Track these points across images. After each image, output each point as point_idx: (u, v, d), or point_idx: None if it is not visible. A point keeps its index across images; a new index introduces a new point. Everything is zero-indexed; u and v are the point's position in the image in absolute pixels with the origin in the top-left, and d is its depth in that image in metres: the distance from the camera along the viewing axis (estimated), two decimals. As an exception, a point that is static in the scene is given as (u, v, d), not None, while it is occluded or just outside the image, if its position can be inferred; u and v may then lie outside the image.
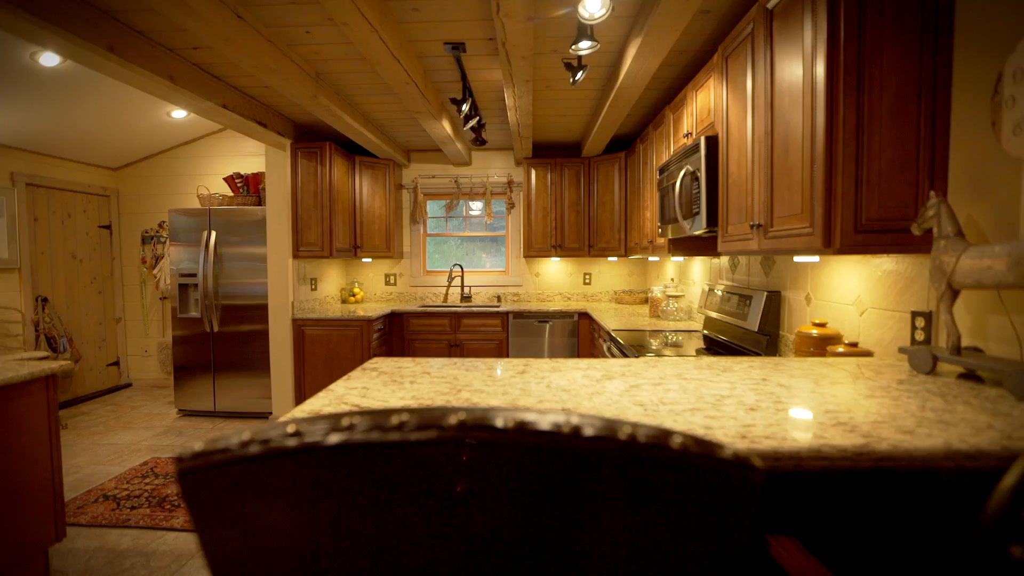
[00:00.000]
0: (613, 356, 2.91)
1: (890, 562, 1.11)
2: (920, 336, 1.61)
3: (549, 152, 4.96)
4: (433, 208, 5.19)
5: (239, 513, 0.48)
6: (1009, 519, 0.48)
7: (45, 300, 4.37)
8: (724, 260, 3.12)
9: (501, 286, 5.10)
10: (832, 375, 1.38)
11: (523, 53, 2.42)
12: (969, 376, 1.35)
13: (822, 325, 1.96)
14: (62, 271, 4.54)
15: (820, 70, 1.54)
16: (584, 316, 4.39)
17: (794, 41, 1.70)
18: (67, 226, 4.59)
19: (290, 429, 0.45)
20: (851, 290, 1.93)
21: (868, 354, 1.77)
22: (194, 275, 4.25)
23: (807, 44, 1.61)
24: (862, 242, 1.52)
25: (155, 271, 5.02)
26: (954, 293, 1.36)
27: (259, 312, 4.26)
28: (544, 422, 0.45)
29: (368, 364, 1.53)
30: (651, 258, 4.15)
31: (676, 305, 3.64)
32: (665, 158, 3.20)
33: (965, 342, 1.46)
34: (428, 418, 0.44)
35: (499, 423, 0.43)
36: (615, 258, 4.83)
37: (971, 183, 1.44)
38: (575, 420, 0.45)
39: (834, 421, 0.98)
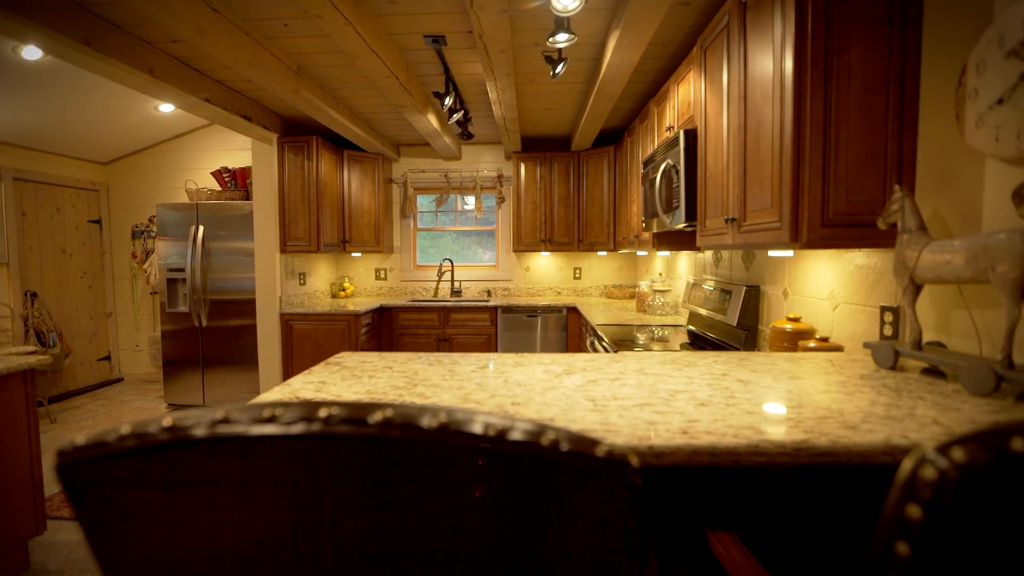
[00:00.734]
0: (596, 351, 2.90)
1: (830, 558, 1.11)
2: (888, 331, 1.60)
3: (539, 146, 4.94)
4: (424, 202, 5.18)
5: (123, 510, 0.47)
6: (896, 516, 0.48)
7: (34, 295, 4.37)
8: (708, 255, 3.11)
9: (491, 280, 5.10)
10: (794, 370, 1.37)
11: (501, 46, 2.41)
12: (932, 371, 1.34)
13: (796, 320, 1.95)
14: (51, 266, 4.54)
15: (788, 62, 1.53)
16: (573, 311, 4.38)
17: (765, 33, 1.68)
18: (56, 221, 4.59)
19: (165, 423, 0.44)
20: (825, 285, 1.93)
21: (838, 349, 1.76)
22: (182, 270, 4.25)
23: (777, 36, 1.60)
24: (829, 236, 1.51)
25: (145, 266, 5.02)
26: (917, 288, 1.35)
27: (247, 307, 4.26)
28: (425, 420, 0.44)
29: (332, 359, 1.53)
30: (639, 252, 4.14)
31: (663, 300, 3.63)
32: (649, 151, 3.18)
33: (930, 337, 1.46)
34: (301, 412, 0.44)
35: (317, 413, 0.42)
36: (604, 253, 4.82)
37: (937, 177, 1.43)
38: (458, 416, 0.45)
39: (782, 416, 0.98)
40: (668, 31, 2.57)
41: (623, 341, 2.65)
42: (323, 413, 0.43)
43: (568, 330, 4.41)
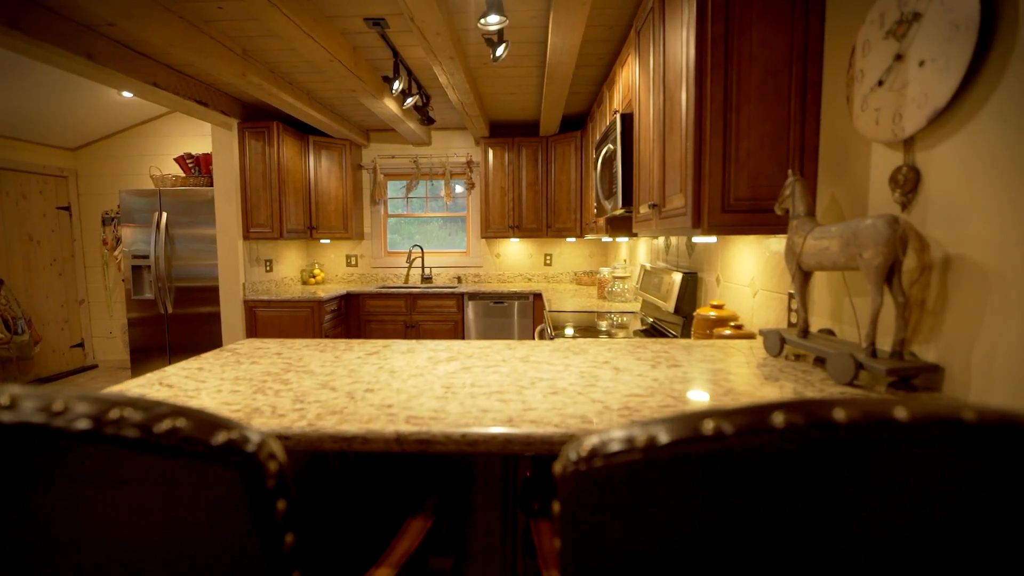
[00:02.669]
0: (542, 338, 2.89)
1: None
2: (794, 318, 1.58)
3: (508, 131, 4.88)
4: (395, 189, 5.14)
5: None
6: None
7: (1, 282, 4.37)
8: (660, 241, 3.09)
9: (462, 267, 5.08)
10: (682, 358, 1.36)
11: (436, 29, 2.36)
12: (821, 360, 1.33)
13: (719, 307, 1.94)
14: (18, 253, 4.54)
15: (691, 44, 1.49)
16: (539, 297, 4.37)
17: (677, 14, 1.64)
18: (22, 207, 4.57)
19: None
20: (748, 272, 1.91)
21: (751, 336, 1.75)
22: (147, 256, 4.24)
23: (684, 17, 1.56)
24: (730, 222, 1.49)
25: (116, 253, 5.01)
26: (805, 275, 1.33)
27: (213, 294, 4.26)
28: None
29: (231, 345, 1.52)
30: (604, 239, 4.11)
31: (623, 286, 3.62)
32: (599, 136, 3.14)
33: (825, 324, 1.44)
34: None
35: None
36: (573, 239, 4.80)
37: (834, 162, 1.40)
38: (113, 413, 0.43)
39: (622, 406, 0.97)
40: (612, 12, 2.52)
41: (580, 328, 2.63)
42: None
43: (534, 316, 4.41)
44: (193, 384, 1.14)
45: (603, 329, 2.59)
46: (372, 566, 0.77)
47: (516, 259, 5.05)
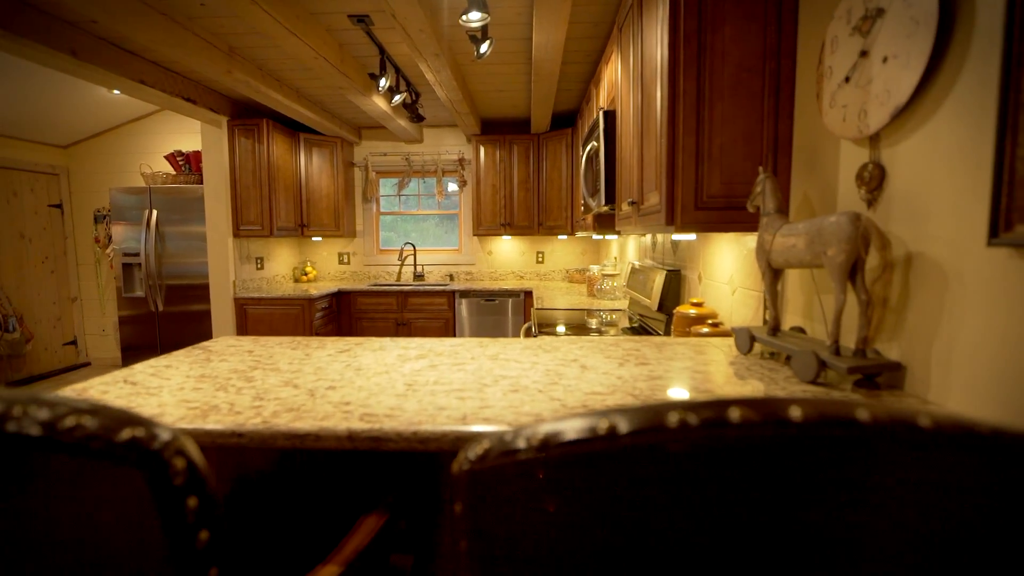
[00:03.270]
0: (529, 335, 2.89)
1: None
2: (769, 316, 1.58)
3: (499, 128, 4.87)
4: (387, 187, 5.13)
5: None
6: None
7: (-8, 279, 4.37)
8: (648, 239, 3.08)
9: (454, 265, 5.08)
10: (652, 356, 1.36)
11: (419, 26, 2.35)
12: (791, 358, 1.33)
13: (699, 304, 1.93)
14: (9, 251, 4.53)
15: (665, 40, 1.48)
16: (530, 295, 4.36)
17: (653, 11, 1.63)
18: (13, 205, 4.57)
19: None
20: (727, 269, 1.90)
21: (728, 334, 1.74)
22: (137, 254, 4.24)
23: (659, 13, 1.56)
24: (703, 220, 1.49)
25: (108, 250, 5.01)
26: (775, 272, 1.33)
27: (204, 291, 4.26)
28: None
29: (204, 343, 1.52)
30: (595, 236, 4.11)
31: (612, 284, 3.61)
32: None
33: (798, 322, 1.44)
34: None
35: None
36: (564, 236, 4.79)
37: (807, 158, 1.40)
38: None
39: (580, 404, 0.97)
40: (596, 9, 2.51)
41: (570, 326, 2.63)
42: None
43: (526, 314, 4.40)
44: (157, 382, 1.14)
45: (592, 327, 2.59)
46: (319, 563, 0.77)
47: (508, 257, 5.05)
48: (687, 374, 1.18)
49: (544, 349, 1.42)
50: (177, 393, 1.05)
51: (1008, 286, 0.81)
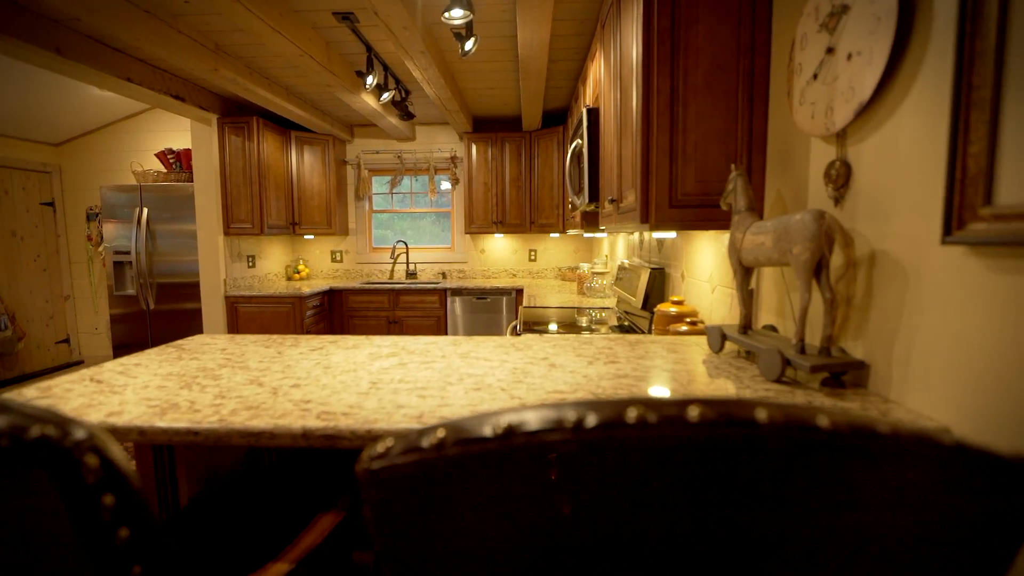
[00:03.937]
0: (515, 334, 2.89)
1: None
2: (741, 314, 1.57)
3: (491, 126, 4.87)
4: (380, 184, 5.13)
5: None
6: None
7: (-17, 278, 4.37)
8: (635, 236, 3.08)
9: (447, 263, 5.08)
10: (623, 354, 1.36)
11: (403, 23, 2.35)
12: (762, 354, 1.32)
13: (680, 303, 1.93)
14: (1, 249, 4.53)
15: (640, 37, 1.48)
16: (522, 293, 4.36)
17: (630, 8, 1.63)
18: (5, 203, 4.56)
19: None
20: (707, 267, 1.90)
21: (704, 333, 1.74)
22: (128, 252, 4.24)
23: (634, 11, 1.55)
24: (677, 218, 1.48)
25: (101, 248, 5.00)
26: (746, 270, 1.33)
27: (195, 290, 4.26)
28: None
29: (178, 341, 1.52)
30: (585, 234, 4.11)
31: (602, 282, 3.61)
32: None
33: (771, 320, 1.44)
34: None
35: None
36: (556, 234, 4.79)
37: (780, 156, 1.40)
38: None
39: (540, 402, 0.97)
40: (580, 6, 2.50)
41: (562, 324, 2.62)
42: None
43: (517, 312, 4.40)
44: (123, 380, 1.14)
45: (583, 325, 2.59)
46: (270, 560, 0.77)
47: (501, 255, 5.05)
48: (654, 372, 1.18)
49: (516, 347, 1.41)
50: (141, 391, 1.05)
51: (961, 285, 0.80)
